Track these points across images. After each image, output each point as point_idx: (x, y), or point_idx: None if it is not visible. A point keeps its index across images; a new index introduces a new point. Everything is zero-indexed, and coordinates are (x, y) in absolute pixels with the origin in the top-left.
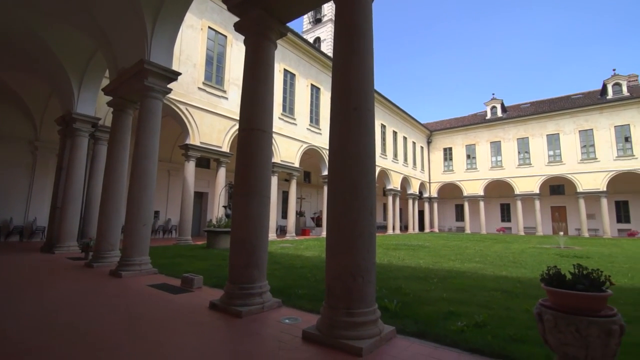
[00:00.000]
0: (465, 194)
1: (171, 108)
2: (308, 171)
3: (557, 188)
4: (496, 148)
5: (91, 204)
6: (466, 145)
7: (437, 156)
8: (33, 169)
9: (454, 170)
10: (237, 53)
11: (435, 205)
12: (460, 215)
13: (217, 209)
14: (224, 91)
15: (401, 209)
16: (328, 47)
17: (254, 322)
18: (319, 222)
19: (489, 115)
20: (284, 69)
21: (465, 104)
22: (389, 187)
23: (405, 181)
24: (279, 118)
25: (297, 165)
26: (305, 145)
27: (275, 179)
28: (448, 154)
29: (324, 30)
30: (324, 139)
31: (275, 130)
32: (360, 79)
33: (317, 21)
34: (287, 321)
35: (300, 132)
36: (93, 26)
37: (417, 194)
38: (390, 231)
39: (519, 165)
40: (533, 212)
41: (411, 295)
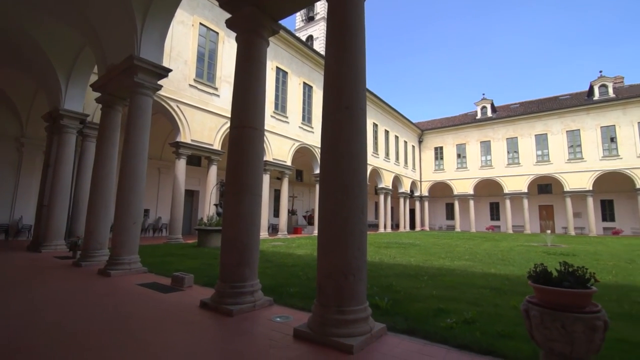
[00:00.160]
0: (455, 192)
1: (162, 105)
2: (300, 170)
3: (544, 187)
4: (486, 147)
5: (79, 202)
6: (457, 145)
7: (428, 155)
8: (19, 166)
9: (444, 170)
10: (229, 50)
11: (426, 204)
12: (450, 214)
13: (209, 207)
14: (216, 88)
15: (392, 208)
16: (320, 46)
17: (245, 320)
18: (311, 220)
19: (479, 115)
20: (277, 67)
21: (456, 103)
22: (380, 185)
23: (397, 180)
24: (271, 116)
25: (289, 163)
26: (297, 144)
27: (267, 178)
28: (439, 153)
29: (317, 29)
30: (316, 138)
31: (268, 129)
32: (352, 78)
33: (310, 19)
34: (278, 319)
35: (293, 131)
36: (81, 20)
37: (409, 192)
38: (382, 229)
39: (508, 164)
40: (521, 211)
41: (402, 293)
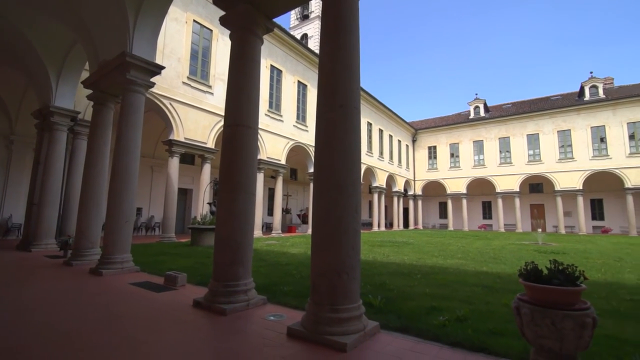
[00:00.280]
0: (448, 191)
1: (154, 103)
2: (294, 168)
3: (536, 186)
4: (479, 147)
5: (70, 201)
6: (450, 144)
7: (422, 154)
8: (8, 164)
9: (438, 169)
10: (223, 48)
11: (420, 203)
12: (443, 213)
13: (202, 206)
14: (210, 86)
15: (386, 206)
16: (315, 44)
17: (238, 319)
18: (305, 219)
19: (472, 115)
20: (271, 65)
21: (450, 103)
22: (374, 184)
23: (391, 179)
24: (266, 114)
25: (283, 162)
26: (291, 142)
27: (261, 176)
28: (432, 152)
29: (312, 27)
30: (310, 136)
31: (262, 127)
32: (346, 76)
33: (305, 17)
34: (272, 318)
35: (287, 129)
36: (72, 16)
37: (402, 191)
38: (376, 228)
39: (500, 164)
40: (513, 210)
41: (395, 291)
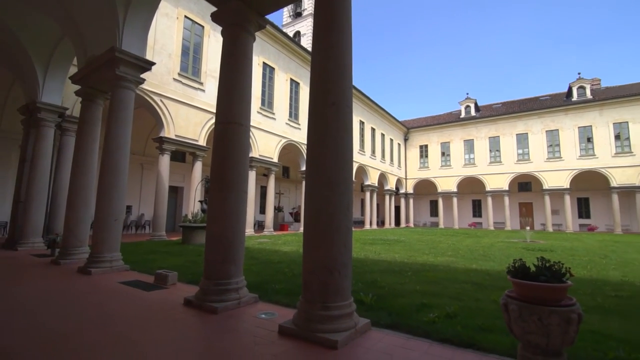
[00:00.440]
0: (439, 190)
1: (145, 99)
2: (287, 166)
3: (524, 185)
4: (469, 146)
5: (58, 198)
6: (441, 143)
7: (414, 153)
8: None
9: (429, 167)
10: (214, 44)
11: (411, 201)
12: (434, 211)
13: (193, 204)
14: (201, 83)
15: (378, 205)
16: (308, 42)
17: (229, 318)
18: (297, 217)
19: (463, 114)
20: (263, 63)
21: (442, 102)
22: (366, 182)
23: (383, 177)
24: (258, 112)
25: (275, 160)
26: (284, 140)
27: (253, 174)
28: (424, 151)
29: (304, 25)
30: (303, 134)
31: (254, 125)
32: (338, 74)
33: (297, 15)
34: (263, 316)
35: (279, 127)
36: (60, 9)
37: (394, 189)
38: (368, 226)
39: (490, 163)
40: (502, 208)
41: (386, 289)
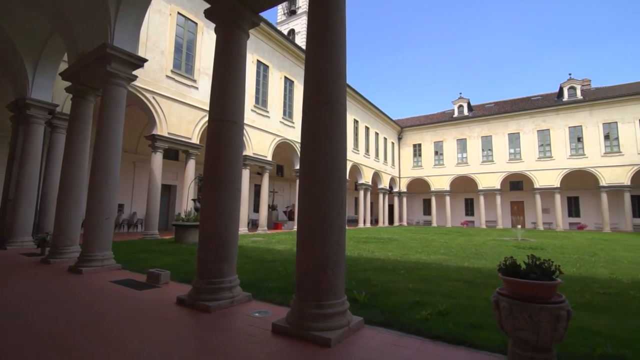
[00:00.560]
0: (432, 189)
1: (137, 96)
2: (281, 165)
3: (516, 184)
4: (462, 145)
5: (48, 197)
6: (434, 142)
7: (407, 152)
8: None
9: (422, 166)
10: (208, 41)
11: (405, 200)
12: (427, 209)
13: (186, 203)
14: (194, 80)
15: (372, 203)
16: (302, 40)
17: (223, 316)
18: (291, 215)
19: (456, 114)
20: (257, 60)
21: (436, 101)
22: (360, 181)
23: (377, 176)
24: (252, 110)
25: (269, 158)
26: (278, 139)
27: (247, 172)
28: (417, 150)
29: (299, 23)
30: (297, 133)
31: (248, 123)
32: (332, 73)
33: (292, 13)
34: (257, 315)
35: (273, 125)
36: (50, 5)
37: (388, 188)
38: (361, 224)
39: (482, 162)
40: (494, 207)
41: (379, 287)
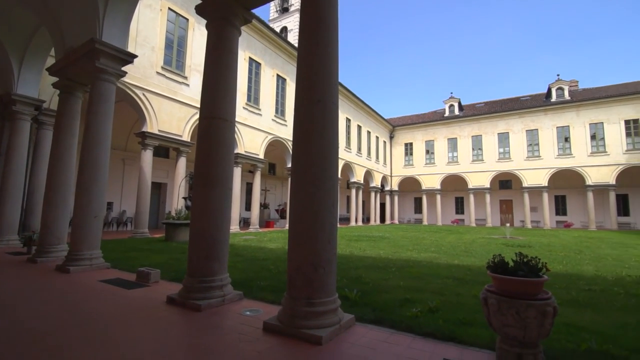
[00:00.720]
0: (423, 187)
1: (126, 93)
2: (273, 163)
3: (505, 183)
4: (453, 144)
5: (34, 194)
6: (426, 141)
7: (399, 151)
8: None
9: (413, 165)
10: (199, 38)
11: (396, 198)
12: (418, 208)
13: (177, 201)
14: (185, 77)
15: (364, 202)
16: (295, 38)
17: (214, 315)
18: (283, 214)
19: (447, 113)
20: (249, 58)
21: (427, 100)
22: (352, 180)
23: (368, 174)
24: (244, 108)
25: (261, 156)
26: (270, 137)
27: (239, 170)
28: (409, 149)
29: (291, 20)
30: (289, 131)
31: (240, 120)
32: (324, 71)
33: (284, 10)
34: (248, 313)
35: (265, 123)
36: None
37: (379, 187)
38: (353, 223)
39: (472, 161)
40: (484, 205)
41: (370, 284)
